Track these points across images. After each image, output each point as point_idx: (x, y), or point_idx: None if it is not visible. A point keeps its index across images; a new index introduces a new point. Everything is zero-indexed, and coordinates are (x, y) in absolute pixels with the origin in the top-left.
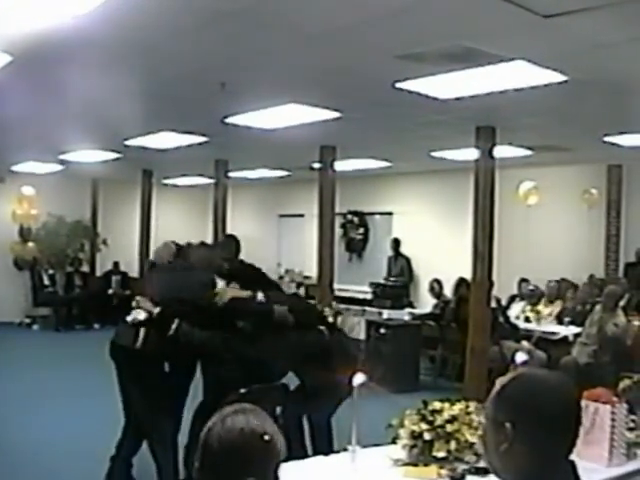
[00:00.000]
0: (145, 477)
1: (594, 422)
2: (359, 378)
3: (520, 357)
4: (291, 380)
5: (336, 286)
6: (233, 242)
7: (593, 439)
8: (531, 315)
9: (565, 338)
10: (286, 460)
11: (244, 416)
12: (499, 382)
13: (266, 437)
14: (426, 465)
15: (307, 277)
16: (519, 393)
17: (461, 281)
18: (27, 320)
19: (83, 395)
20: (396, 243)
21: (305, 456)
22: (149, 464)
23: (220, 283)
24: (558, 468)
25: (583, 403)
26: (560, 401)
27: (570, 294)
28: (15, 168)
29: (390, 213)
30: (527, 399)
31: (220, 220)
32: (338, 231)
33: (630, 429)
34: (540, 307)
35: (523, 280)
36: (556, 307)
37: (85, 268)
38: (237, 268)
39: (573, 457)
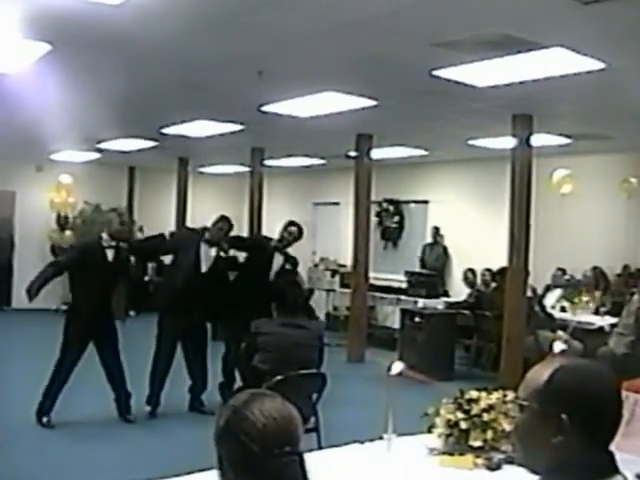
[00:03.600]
0: None
1: (634, 413)
2: (397, 366)
3: (558, 347)
4: None
5: (371, 274)
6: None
7: (632, 430)
8: (567, 305)
9: (601, 328)
10: None
11: (272, 401)
12: (539, 373)
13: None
14: (462, 454)
15: (342, 265)
16: (573, 383)
17: (503, 270)
18: (64, 307)
19: None
20: (436, 231)
21: None
22: None
23: None
24: (597, 459)
25: (623, 394)
26: (610, 390)
27: (601, 284)
28: (53, 157)
29: (426, 201)
30: (582, 389)
31: (256, 208)
32: (373, 219)
33: None
34: (581, 297)
35: (559, 269)
36: (594, 296)
37: None
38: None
39: (611, 448)
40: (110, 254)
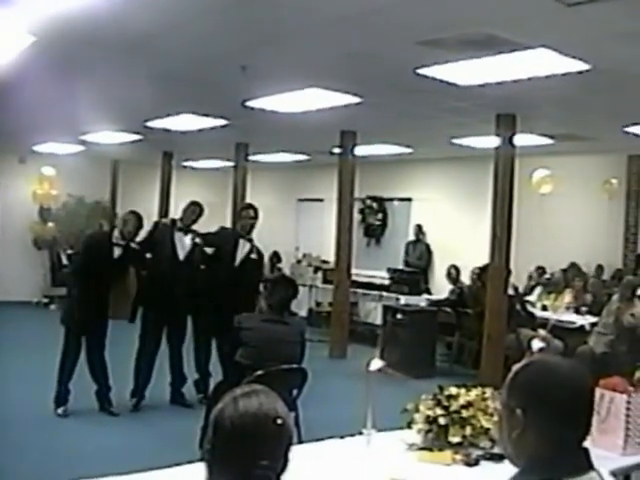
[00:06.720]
0: None
1: (610, 411)
2: (376, 363)
3: (537, 344)
4: None
5: (354, 271)
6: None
7: (608, 428)
8: (548, 303)
9: (582, 327)
10: None
11: (256, 398)
12: (513, 369)
13: (279, 421)
14: (441, 450)
15: (325, 262)
16: (530, 380)
17: (486, 267)
18: (45, 300)
19: None
20: (419, 229)
21: None
22: None
23: None
24: (570, 455)
25: (599, 392)
26: (570, 388)
27: (577, 281)
28: (36, 148)
29: (409, 199)
30: (537, 386)
31: (239, 203)
32: (357, 216)
33: None
34: (552, 295)
35: (538, 268)
36: (566, 295)
37: None
38: None
39: (587, 445)
40: (117, 251)
